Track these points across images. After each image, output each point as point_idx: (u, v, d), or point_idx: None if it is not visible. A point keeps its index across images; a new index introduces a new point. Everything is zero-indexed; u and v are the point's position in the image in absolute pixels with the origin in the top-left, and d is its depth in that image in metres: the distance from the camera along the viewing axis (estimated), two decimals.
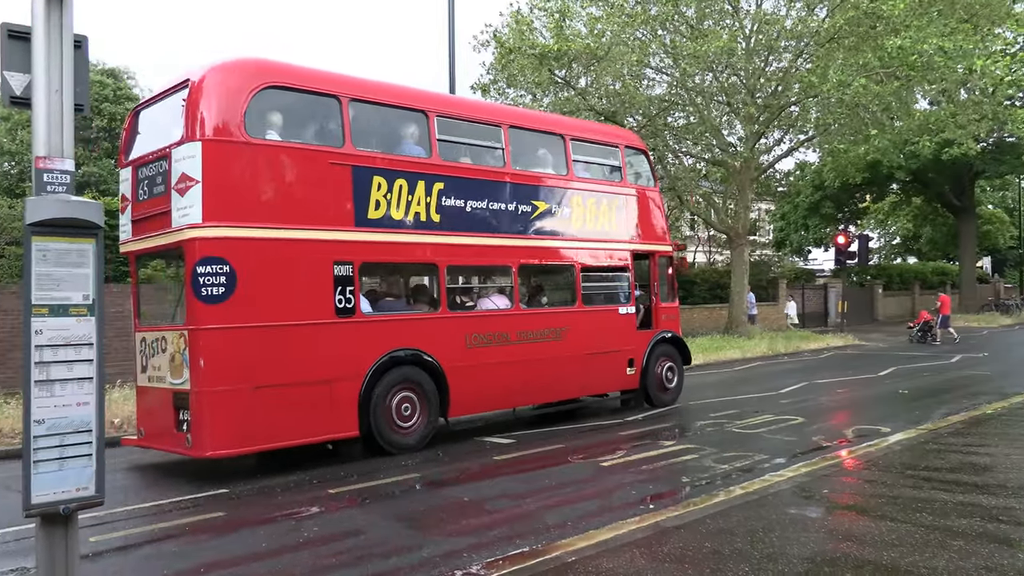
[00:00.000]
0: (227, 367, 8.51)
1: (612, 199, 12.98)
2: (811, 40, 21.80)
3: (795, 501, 7.07)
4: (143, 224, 9.36)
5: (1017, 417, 11.46)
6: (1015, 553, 5.51)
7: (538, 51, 21.55)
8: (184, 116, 8.61)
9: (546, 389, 11.95)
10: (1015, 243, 53.03)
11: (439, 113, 10.62)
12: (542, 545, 6.02)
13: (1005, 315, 41.65)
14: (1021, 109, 32.32)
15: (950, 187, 41.98)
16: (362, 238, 9.60)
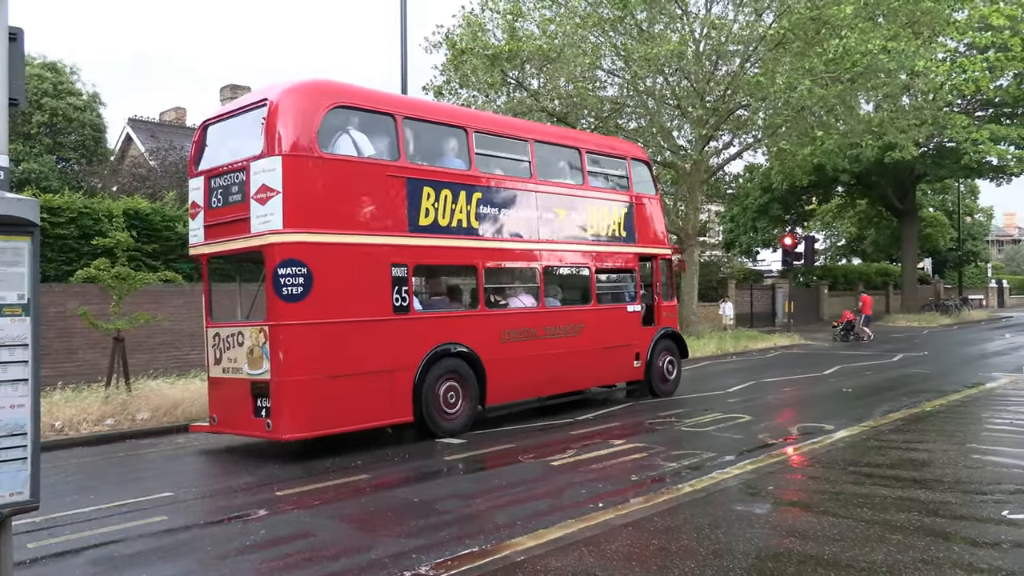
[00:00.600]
0: (305, 359, 9.50)
1: (621, 206, 14.19)
2: (758, 44, 22.16)
3: (741, 498, 7.18)
4: (216, 229, 10.28)
5: (955, 414, 11.80)
6: (950, 546, 5.67)
7: (490, 52, 21.56)
8: (264, 133, 9.56)
9: (566, 379, 13.08)
10: (954, 245, 54.54)
11: (476, 129, 11.81)
12: (491, 545, 6.02)
13: (945, 315, 42.82)
14: (960, 115, 33.34)
15: (893, 190, 43.01)
16: (415, 243, 10.65)
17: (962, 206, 54.48)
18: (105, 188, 23.98)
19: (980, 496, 7.11)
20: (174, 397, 12.66)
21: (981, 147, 34.32)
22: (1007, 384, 15.41)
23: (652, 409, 13.19)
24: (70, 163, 29.83)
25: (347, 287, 9.86)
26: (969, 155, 34.58)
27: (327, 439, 10.78)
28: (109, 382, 12.77)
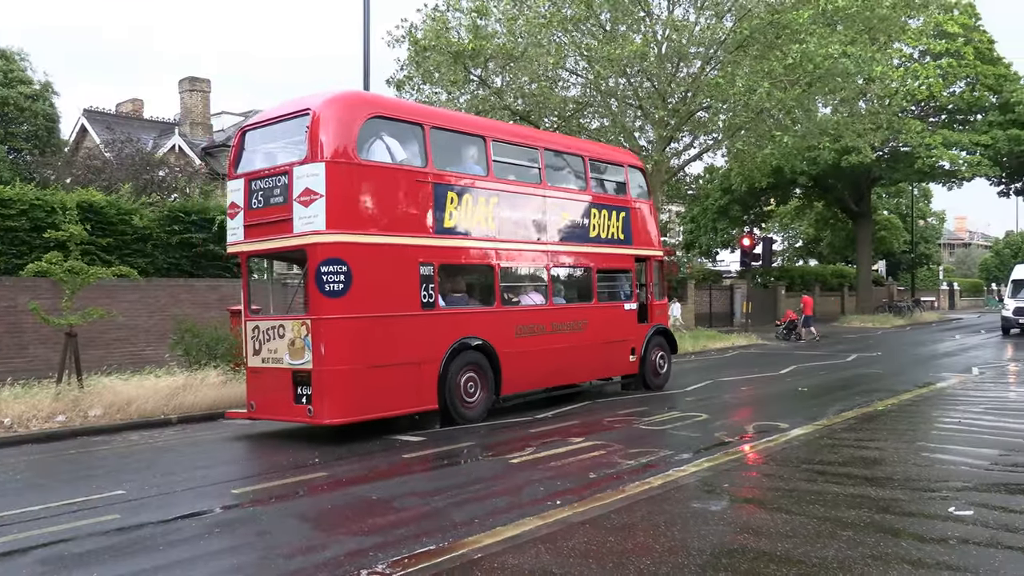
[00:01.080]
0: (345, 350, 10.29)
1: (619, 211, 15.03)
2: (719, 47, 22.39)
3: (697, 495, 7.26)
4: (256, 229, 10.98)
5: (906, 413, 12.05)
6: (899, 542, 5.79)
7: (454, 49, 21.50)
8: (307, 140, 10.27)
9: (570, 372, 13.96)
10: (908, 248, 55.70)
11: (494, 137, 12.66)
12: (449, 543, 6.01)
13: (898, 316, 43.72)
14: (914, 120, 34.05)
15: (849, 193, 43.78)
16: (440, 244, 11.48)
17: (915, 210, 55.67)
18: (59, 180, 23.47)
19: (929, 493, 7.26)
20: (128, 394, 12.43)
21: (934, 152, 35.14)
22: (957, 384, 15.77)
23: (611, 407, 13.27)
24: (22, 154, 29.18)
25: (381, 284, 10.66)
26: (923, 160, 35.38)
27: (283, 435, 10.68)
28: (60, 378, 12.51)
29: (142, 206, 18.33)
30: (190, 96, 34.89)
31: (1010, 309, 31.86)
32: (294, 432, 11.30)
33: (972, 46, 35.86)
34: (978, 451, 9.05)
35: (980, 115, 39.15)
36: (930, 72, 31.80)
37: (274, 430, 11.60)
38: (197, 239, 18.45)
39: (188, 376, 13.33)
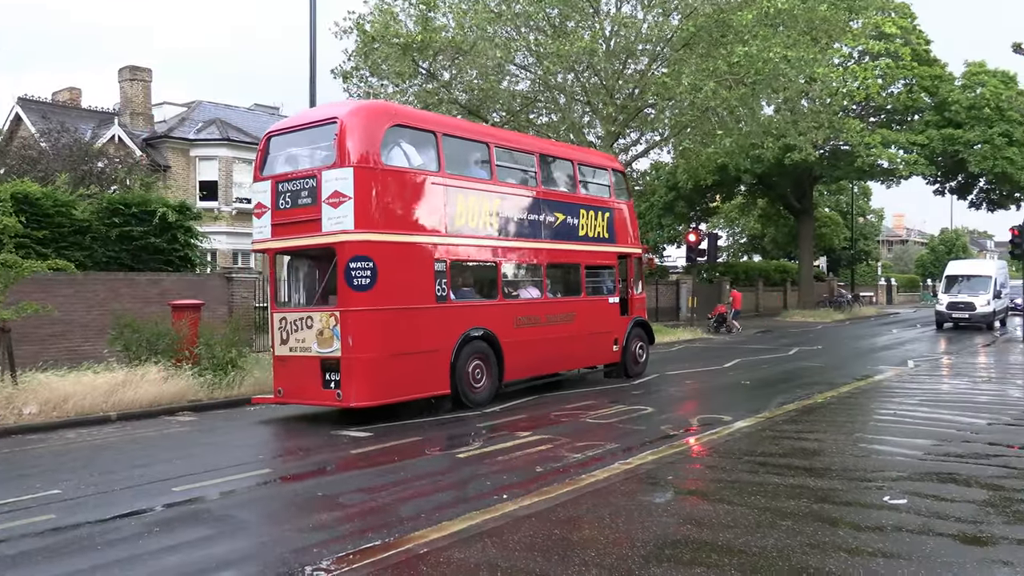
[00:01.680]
0: (371, 339, 11.19)
1: (603, 211, 16.13)
2: (666, 45, 22.63)
3: (642, 488, 7.35)
4: (284, 228, 11.79)
5: (845, 405, 12.35)
6: (836, 531, 5.94)
7: (402, 41, 21.33)
8: (335, 147, 11.16)
9: (562, 360, 15.00)
10: (848, 244, 57.05)
11: (496, 144, 13.70)
12: (394, 538, 5.99)
13: (838, 311, 44.75)
14: (854, 120, 34.84)
15: (791, 190, 44.64)
16: (451, 242, 12.43)
17: (855, 207, 57.02)
18: None
19: (865, 483, 7.46)
20: (65, 390, 12.08)
21: (873, 151, 36.00)
22: (893, 377, 16.22)
23: (559, 401, 13.35)
24: None
25: (402, 279, 11.58)
26: (862, 158, 36.22)
27: (227, 432, 10.53)
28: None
29: (80, 198, 17.81)
30: (131, 85, 33.98)
31: (944, 304, 32.79)
32: (238, 429, 11.14)
33: (909, 47, 36.82)
34: (912, 442, 9.32)
35: (917, 115, 40.23)
36: (869, 73, 32.59)
37: (219, 427, 11.42)
38: (138, 232, 18.01)
39: (128, 372, 13.01)
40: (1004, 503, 6.65)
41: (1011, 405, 12.39)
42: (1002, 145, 37.71)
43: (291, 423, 11.89)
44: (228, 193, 33.51)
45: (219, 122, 34.82)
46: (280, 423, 11.89)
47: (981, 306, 31.72)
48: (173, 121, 35.27)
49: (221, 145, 33.40)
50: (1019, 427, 10.47)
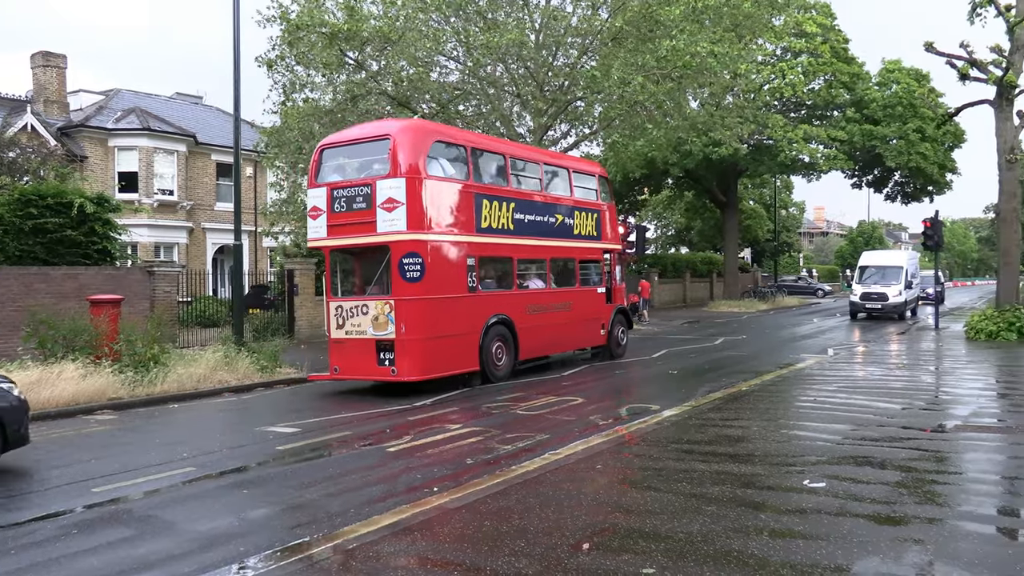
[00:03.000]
0: (421, 323, 13.17)
1: (592, 212, 18.30)
2: (595, 38, 22.78)
3: (572, 477, 7.43)
4: (339, 229, 13.64)
5: (767, 393, 12.70)
6: (758, 514, 6.11)
7: (328, 30, 20.96)
8: (389, 159, 13.13)
9: (561, 342, 17.34)
10: (771, 236, 58.54)
11: (511, 155, 16.03)
12: (323, 534, 5.93)
13: (762, 301, 45.88)
14: (777, 115, 35.69)
15: (717, 184, 45.55)
16: (480, 240, 14.43)
17: (778, 200, 58.52)
18: None
19: (787, 468, 7.69)
20: None
21: (795, 146, 36.97)
22: (813, 364, 16.73)
23: (490, 393, 13.38)
24: None
25: (443, 272, 13.57)
26: (785, 152, 37.17)
27: (153, 430, 10.26)
28: None
29: None
30: (44, 72, 32.63)
31: (857, 294, 33.12)
32: (162, 428, 10.86)
33: (829, 45, 37.91)
34: (831, 427, 9.65)
35: (836, 111, 41.46)
36: (791, 70, 33.41)
37: (140, 426, 11.10)
38: (53, 225, 17.34)
39: (43, 370, 12.51)
40: (916, 484, 6.93)
41: (923, 390, 12.92)
42: (916, 141, 39.21)
43: (215, 421, 11.66)
44: (149, 184, 32.54)
45: (139, 111, 33.76)
46: (204, 421, 11.64)
47: (893, 296, 32.16)
48: (90, 110, 34.05)
49: (141, 135, 32.40)
50: (931, 411, 10.93)
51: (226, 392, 13.80)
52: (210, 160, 35.61)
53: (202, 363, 14.34)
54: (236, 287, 17.47)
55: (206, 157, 35.41)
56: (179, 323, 20.12)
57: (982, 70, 22.41)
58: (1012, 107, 22.35)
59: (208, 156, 35.49)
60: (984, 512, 6.22)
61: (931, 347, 20.35)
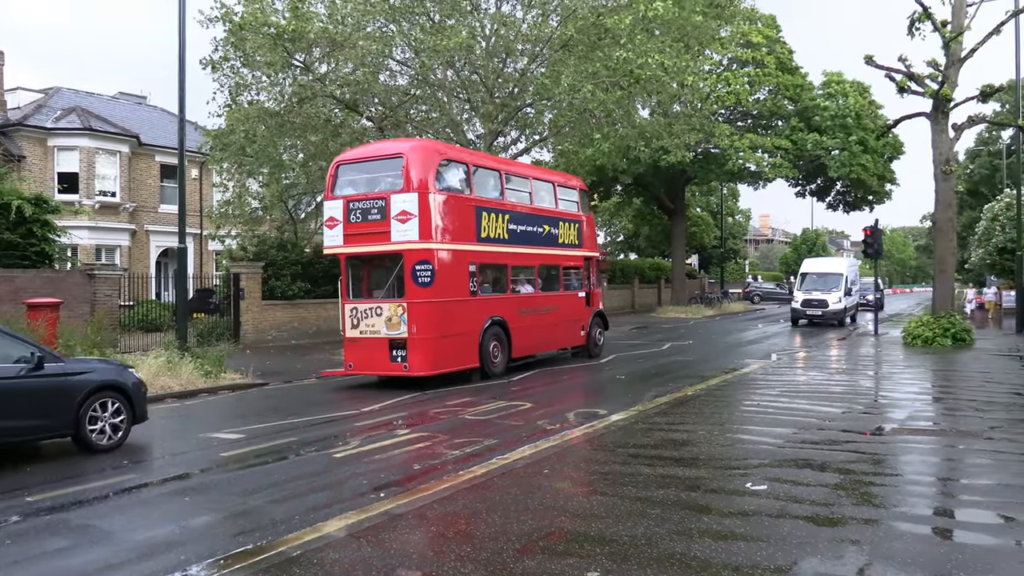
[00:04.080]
0: (431, 324, 14.49)
1: (574, 223, 19.83)
2: (545, 45, 22.91)
3: (518, 482, 7.45)
4: (355, 238, 14.98)
5: (713, 397, 12.89)
6: (701, 517, 6.20)
7: (274, 31, 20.71)
8: (402, 176, 14.51)
9: (548, 342, 18.85)
10: (718, 243, 59.45)
11: (505, 171, 17.41)
12: (267, 541, 5.86)
13: (709, 307, 46.59)
14: (724, 124, 36.32)
15: (665, 191, 46.14)
16: (480, 249, 15.86)
17: (725, 207, 59.47)
18: None
19: (730, 471, 7.82)
20: None
21: (741, 154, 37.66)
22: (758, 369, 17.03)
23: (439, 399, 13.35)
24: None
25: (450, 278, 14.92)
26: (731, 161, 37.83)
27: None
28: None
29: None
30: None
31: (799, 301, 33.42)
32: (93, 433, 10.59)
33: (774, 56, 38.72)
34: (774, 430, 9.83)
35: (781, 121, 42.34)
36: (737, 80, 34.04)
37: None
38: None
39: None
40: (854, 486, 7.11)
41: (862, 394, 13.25)
42: (858, 152, 40.22)
43: (157, 427, 11.41)
44: (90, 186, 31.78)
45: (80, 110, 32.96)
46: (146, 427, 11.37)
47: (833, 303, 32.49)
48: (28, 108, 33.12)
49: (82, 135, 31.63)
50: (870, 415, 11.20)
51: (169, 398, 13.52)
52: (154, 161, 34.93)
53: (144, 369, 14.00)
54: (180, 291, 17.16)
55: (150, 158, 34.71)
56: (120, 328, 19.66)
57: (919, 84, 23.07)
58: (947, 120, 23.05)
59: (152, 157, 34.81)
60: (919, 513, 6.40)
61: (870, 352, 20.86)
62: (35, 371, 8.69)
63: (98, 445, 9.15)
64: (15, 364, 8.61)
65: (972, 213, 47.61)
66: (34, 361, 8.68)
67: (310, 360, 19.51)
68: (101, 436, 9.22)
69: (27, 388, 8.62)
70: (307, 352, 21.42)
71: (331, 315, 25.89)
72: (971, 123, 23.70)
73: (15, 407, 8.48)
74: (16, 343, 8.91)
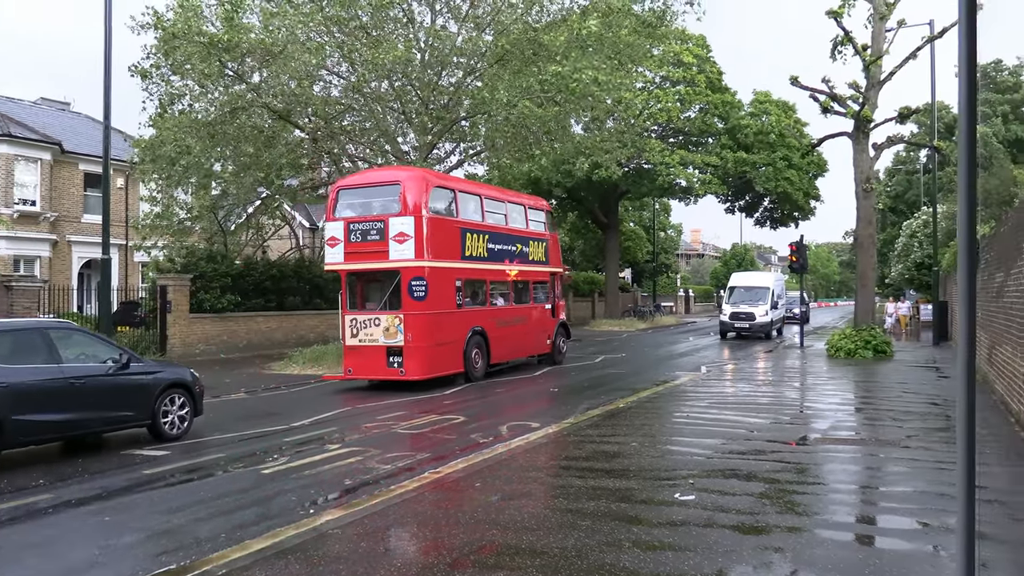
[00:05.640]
0: (425, 333, 16.25)
1: (542, 241, 21.89)
2: (480, 59, 23.00)
3: (450, 496, 7.43)
4: (355, 256, 16.65)
5: (644, 409, 13.05)
6: (631, 528, 6.27)
7: (207, 40, 20.33)
8: (400, 201, 16.24)
9: (519, 350, 20.71)
10: (650, 257, 60.41)
11: (484, 195, 19.41)
12: (191, 560, 5.71)
13: (641, 320, 47.24)
14: (656, 140, 36.97)
15: (599, 205, 46.71)
16: (464, 266, 17.70)
17: (657, 222, 60.47)
18: None
19: (659, 482, 7.92)
20: None
21: (672, 170, 38.38)
22: (688, 382, 17.32)
23: (371, 413, 13.22)
24: None
25: (440, 292, 16.65)
26: (663, 176, 38.52)
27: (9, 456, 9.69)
28: None
29: None
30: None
31: (727, 314, 33.99)
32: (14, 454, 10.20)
33: (704, 75, 39.64)
34: (703, 441, 10.01)
35: (711, 138, 43.33)
36: (669, 97, 34.73)
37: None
38: None
39: None
40: (778, 495, 7.28)
41: (788, 405, 13.59)
42: (783, 168, 41.41)
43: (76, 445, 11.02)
44: (9, 194, 30.63)
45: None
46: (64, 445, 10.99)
47: (760, 316, 33.13)
48: None
49: (1, 141, 30.49)
50: (795, 425, 11.49)
51: None
52: (77, 170, 33.85)
53: None
54: (104, 303, 16.68)
55: (73, 167, 33.63)
56: None
57: (841, 104, 23.89)
58: (868, 140, 23.92)
59: (75, 165, 33.73)
60: (840, 520, 6.60)
61: (796, 364, 21.41)
62: (122, 370, 10.25)
63: (169, 434, 10.73)
64: (107, 364, 10.16)
65: (892, 230, 49.36)
66: (122, 361, 10.27)
67: (239, 375, 19.12)
68: (172, 427, 10.83)
69: (117, 384, 10.19)
70: (237, 366, 20.99)
71: (262, 328, 25.48)
72: (890, 143, 24.65)
73: (109, 400, 10.03)
74: (108, 346, 10.60)
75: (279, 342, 25.70)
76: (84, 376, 9.72)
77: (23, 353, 9.35)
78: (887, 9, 23.49)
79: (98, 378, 9.90)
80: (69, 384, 9.49)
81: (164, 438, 10.64)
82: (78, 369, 9.74)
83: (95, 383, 9.83)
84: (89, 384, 9.74)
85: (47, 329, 9.98)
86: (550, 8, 22.36)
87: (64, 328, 10.50)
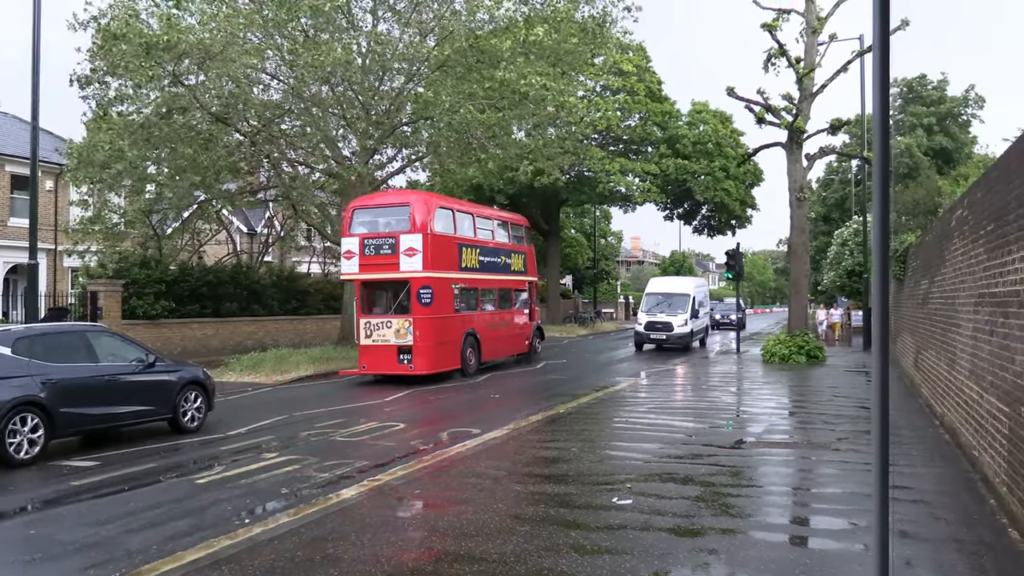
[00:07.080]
0: (430, 334, 18.75)
1: (521, 254, 24.75)
2: (422, 65, 22.94)
3: (389, 503, 7.38)
4: (368, 267, 19.16)
5: (584, 415, 13.15)
6: (569, 532, 6.32)
7: (145, 40, 19.86)
8: (410, 220, 18.78)
9: (503, 350, 23.40)
10: (591, 264, 60.91)
11: (476, 214, 22.23)
12: (120, 573, 5.56)
13: (582, 326, 47.52)
14: (596, 148, 37.34)
15: (540, 212, 46.92)
16: (461, 276, 20.24)
17: (598, 229, 61.02)
18: None
19: (598, 486, 7.99)
20: None
21: (612, 178, 38.79)
22: (627, 387, 17.51)
23: (309, 421, 13.04)
24: None
25: (442, 299, 19.19)
26: (603, 184, 38.90)
27: None
28: None
29: None
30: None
31: (642, 324, 29.98)
32: None
33: (644, 84, 40.19)
34: (641, 446, 10.13)
35: (651, 147, 43.93)
36: (609, 105, 35.09)
37: None
38: None
39: None
40: (714, 497, 7.41)
41: (724, 410, 13.84)
42: (721, 178, 42.22)
43: None
44: None
45: None
46: None
47: (678, 326, 29.31)
48: None
49: None
50: (731, 429, 11.71)
51: None
52: (4, 171, 32.68)
53: None
54: (30, 310, 16.12)
55: None
56: None
57: (776, 115, 24.47)
58: (801, 150, 24.53)
59: (2, 167, 32.60)
60: (773, 521, 6.75)
61: (732, 370, 21.81)
62: (148, 369, 11.54)
63: (187, 427, 12.00)
64: (135, 363, 11.44)
65: (825, 238, 50.65)
66: (148, 360, 11.58)
67: None
68: (191, 421, 12.12)
69: (145, 381, 11.45)
70: None
71: (197, 335, 24.93)
72: (822, 154, 25.34)
73: (138, 395, 11.28)
74: (135, 348, 11.84)
75: (215, 349, 25.18)
76: (118, 374, 11.06)
77: (67, 353, 10.60)
78: (819, 23, 24.14)
79: (129, 376, 11.22)
80: (105, 381, 10.82)
81: (184, 431, 11.92)
82: (112, 368, 11.07)
83: (127, 380, 11.16)
84: (121, 381, 11.07)
85: (85, 332, 11.38)
86: (495, 14, 22.38)
87: (98, 331, 11.88)
